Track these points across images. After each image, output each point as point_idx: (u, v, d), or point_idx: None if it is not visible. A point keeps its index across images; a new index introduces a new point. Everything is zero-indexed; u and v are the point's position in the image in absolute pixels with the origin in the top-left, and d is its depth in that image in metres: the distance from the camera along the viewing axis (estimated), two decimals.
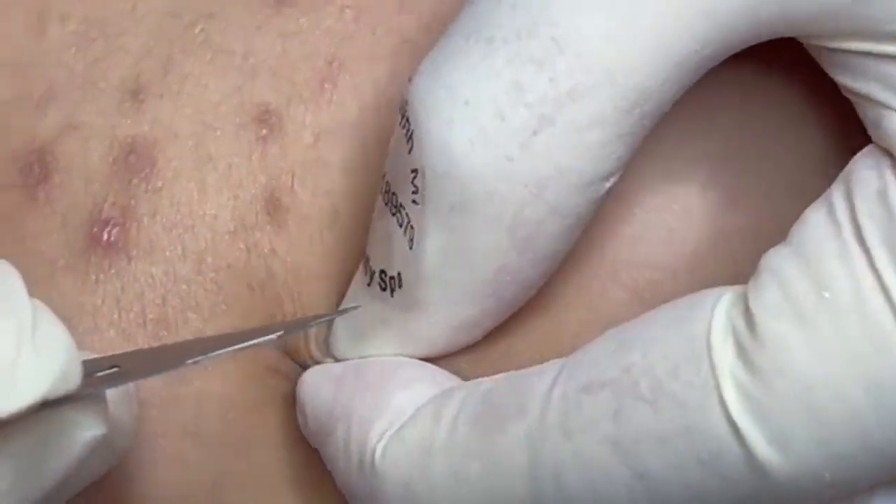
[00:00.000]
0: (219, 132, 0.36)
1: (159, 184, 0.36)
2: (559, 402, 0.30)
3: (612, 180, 0.31)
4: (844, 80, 0.30)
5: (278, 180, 0.36)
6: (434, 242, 0.31)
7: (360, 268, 0.34)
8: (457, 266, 0.31)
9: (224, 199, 0.36)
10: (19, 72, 0.37)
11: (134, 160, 0.36)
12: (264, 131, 0.36)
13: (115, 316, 0.35)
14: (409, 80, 0.31)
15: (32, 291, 0.29)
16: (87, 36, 0.37)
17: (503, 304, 0.33)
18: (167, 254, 0.36)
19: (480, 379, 0.32)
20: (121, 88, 0.36)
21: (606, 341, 0.31)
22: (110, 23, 0.37)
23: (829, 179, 0.31)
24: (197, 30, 0.37)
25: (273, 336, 0.29)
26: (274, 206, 0.36)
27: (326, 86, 0.36)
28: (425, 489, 0.31)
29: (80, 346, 0.29)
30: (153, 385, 0.34)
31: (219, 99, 0.36)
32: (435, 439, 0.31)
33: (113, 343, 0.35)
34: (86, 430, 0.28)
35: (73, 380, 0.27)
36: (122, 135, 0.36)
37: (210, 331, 0.35)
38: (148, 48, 0.37)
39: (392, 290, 0.33)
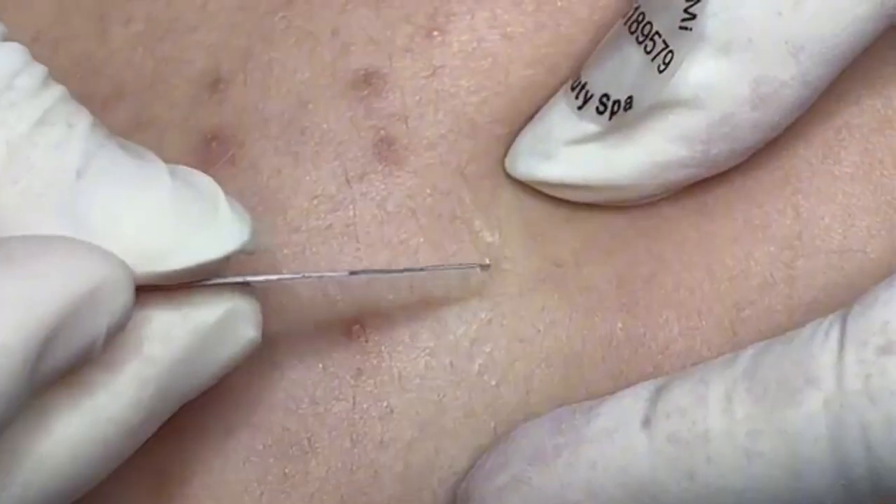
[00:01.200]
0: (311, 105, 0.35)
1: (245, 163, 0.34)
2: (856, 367, 0.30)
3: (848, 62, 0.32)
4: None
5: (389, 128, 0.34)
6: (691, 69, 0.32)
7: (566, 95, 0.34)
8: (695, 104, 0.32)
9: (322, 164, 0.34)
10: (87, 74, 0.36)
11: (216, 146, 0.34)
12: (365, 91, 0.35)
13: None
14: None
15: None
16: (154, 35, 0.36)
17: (707, 159, 0.33)
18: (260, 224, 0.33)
19: (710, 362, 0.32)
20: (197, 82, 0.35)
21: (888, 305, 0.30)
22: (180, 21, 0.36)
23: None
24: (277, 18, 0.35)
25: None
26: (387, 151, 0.34)
27: (436, 33, 0.35)
28: (714, 474, 0.30)
29: None
30: None
31: (309, 76, 0.35)
32: (710, 426, 0.30)
33: None
34: (250, 329, 0.30)
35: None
36: (200, 124, 0.35)
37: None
38: (224, 42, 0.35)
39: (612, 113, 0.33)
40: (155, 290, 0.29)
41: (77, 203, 0.28)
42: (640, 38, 0.33)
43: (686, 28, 0.32)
